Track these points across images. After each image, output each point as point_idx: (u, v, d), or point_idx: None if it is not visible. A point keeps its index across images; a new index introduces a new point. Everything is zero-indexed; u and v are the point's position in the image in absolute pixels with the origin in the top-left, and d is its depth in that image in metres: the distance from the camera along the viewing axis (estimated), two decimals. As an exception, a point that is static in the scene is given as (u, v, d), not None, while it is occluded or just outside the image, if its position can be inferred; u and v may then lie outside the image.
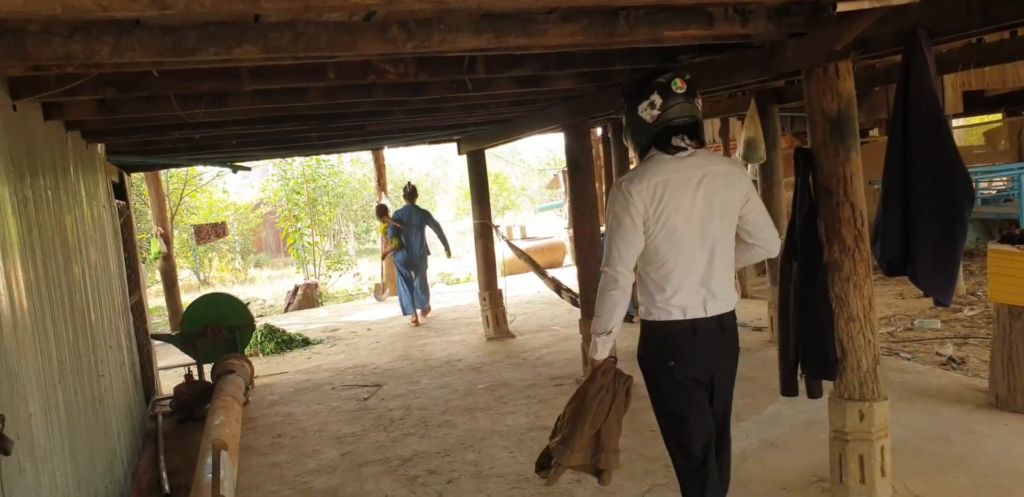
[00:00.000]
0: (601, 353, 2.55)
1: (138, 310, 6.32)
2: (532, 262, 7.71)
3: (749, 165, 6.32)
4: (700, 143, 2.48)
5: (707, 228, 2.45)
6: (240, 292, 18.26)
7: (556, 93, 4.80)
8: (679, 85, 2.37)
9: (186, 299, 16.50)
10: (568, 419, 2.54)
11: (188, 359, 7.00)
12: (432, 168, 43.84)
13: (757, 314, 7.83)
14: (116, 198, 6.07)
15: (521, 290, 10.94)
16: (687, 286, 2.45)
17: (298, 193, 15.31)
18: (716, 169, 2.47)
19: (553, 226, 24.34)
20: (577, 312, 8.76)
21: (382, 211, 9.79)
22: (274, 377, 7.33)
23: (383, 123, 5.41)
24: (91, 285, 4.04)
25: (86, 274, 3.93)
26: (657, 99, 2.37)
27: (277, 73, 3.16)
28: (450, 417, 5.32)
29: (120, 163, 6.34)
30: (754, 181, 4.73)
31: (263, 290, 18.20)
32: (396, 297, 11.44)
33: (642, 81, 2.44)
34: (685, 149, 2.43)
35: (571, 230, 8.03)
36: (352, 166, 19.70)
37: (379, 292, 12.68)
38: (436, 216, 10.42)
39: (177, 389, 6.09)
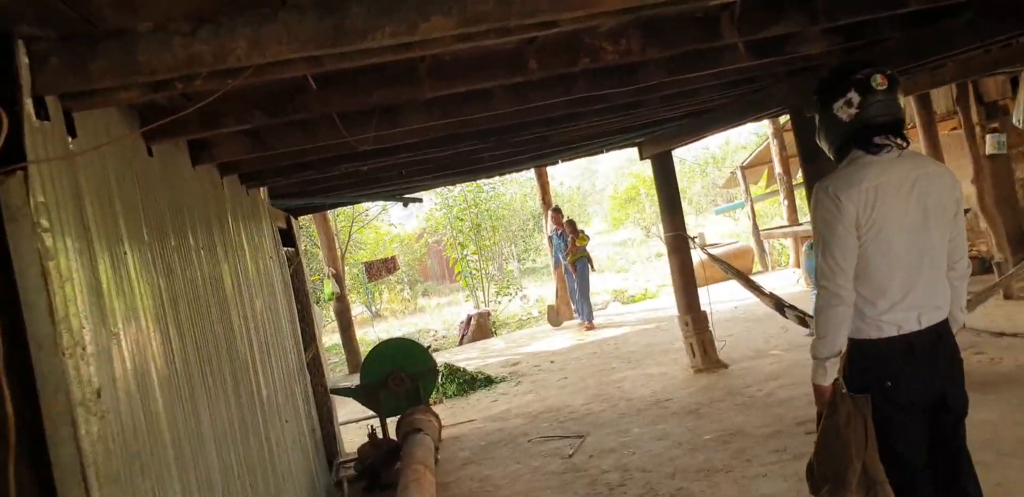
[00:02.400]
0: (829, 378, 2.39)
1: (315, 366, 5.83)
2: (743, 276, 6.55)
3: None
4: (905, 142, 2.31)
5: (922, 237, 2.29)
6: (412, 323, 18.21)
7: (790, 64, 3.74)
8: (879, 81, 2.21)
9: (360, 334, 16.68)
10: (829, 462, 2.40)
11: (369, 411, 6.47)
12: (580, 180, 43.17)
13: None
14: (284, 245, 5.64)
15: (713, 305, 9.73)
16: (902, 301, 2.28)
17: (461, 220, 14.95)
18: (929, 171, 2.31)
19: (726, 229, 22.73)
20: (797, 332, 7.52)
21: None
22: (461, 426, 6.64)
23: (569, 131, 4.56)
24: (259, 356, 3.43)
25: (252, 346, 3.32)
26: (855, 96, 2.24)
27: (461, 71, 2.36)
28: (683, 483, 4.31)
29: (285, 207, 5.93)
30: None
31: (433, 320, 18.00)
32: (573, 319, 10.85)
33: (837, 77, 2.32)
34: (890, 148, 2.27)
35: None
36: (504, 186, 19.27)
37: (553, 315, 11.67)
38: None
39: (361, 450, 5.50)
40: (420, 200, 6.23)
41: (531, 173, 16.13)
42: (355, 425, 7.31)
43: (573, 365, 8.33)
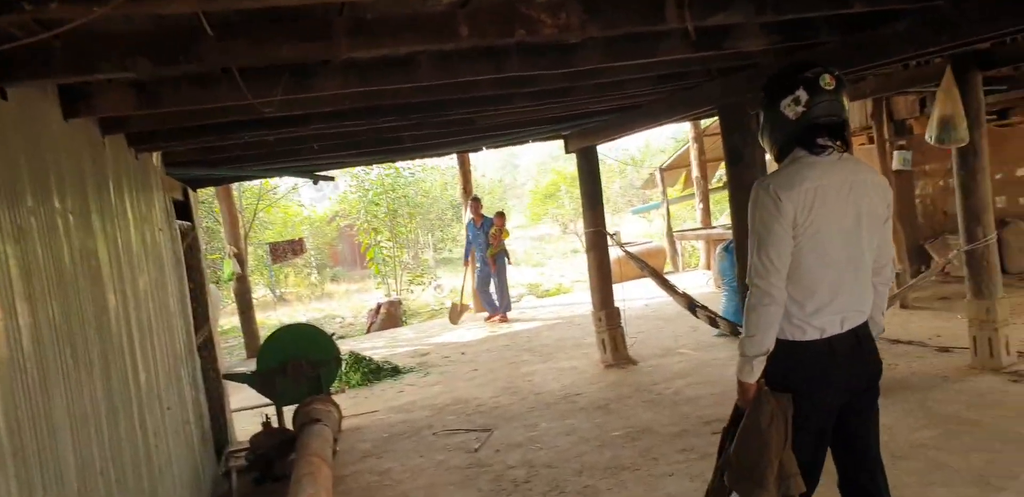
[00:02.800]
0: (755, 376, 2.37)
1: (207, 349, 5.43)
2: (658, 275, 6.54)
3: (949, 147, 5.02)
4: (846, 145, 2.34)
5: (854, 241, 2.31)
6: (318, 308, 17.66)
7: (725, 60, 3.65)
8: (827, 81, 2.22)
9: (262, 317, 16.01)
10: (748, 460, 2.36)
11: (265, 399, 6.12)
12: (502, 173, 43.03)
13: (935, 330, 6.46)
14: (180, 218, 5.22)
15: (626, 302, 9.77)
16: (829, 304, 2.30)
17: (376, 204, 14.50)
18: (865, 177, 2.33)
19: (639, 229, 23.07)
20: (705, 332, 7.59)
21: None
22: (364, 417, 6.36)
23: (498, 114, 4.34)
24: (139, 337, 3.09)
25: (131, 325, 2.98)
26: (803, 95, 2.23)
27: (386, 31, 2.12)
28: (590, 480, 4.20)
29: (184, 177, 5.49)
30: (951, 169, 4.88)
31: (341, 306, 17.51)
32: (482, 312, 10.62)
33: (787, 74, 2.30)
34: (831, 150, 2.28)
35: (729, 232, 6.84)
36: (424, 173, 18.88)
37: (455, 313, 10.53)
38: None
39: (254, 440, 5.16)
40: (332, 179, 5.89)
41: (453, 161, 15.89)
42: (250, 412, 6.90)
43: (484, 357, 8.17)
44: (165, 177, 4.73)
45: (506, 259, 10.53)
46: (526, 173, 43.47)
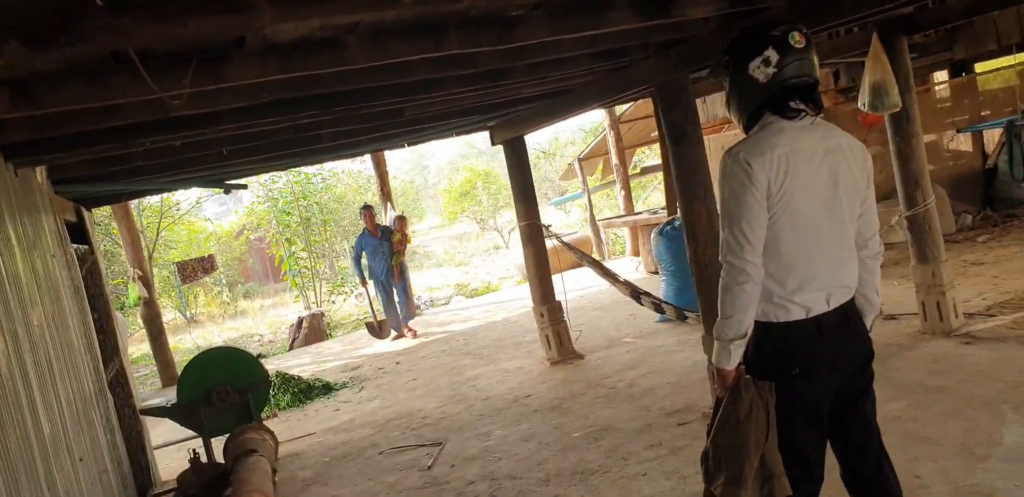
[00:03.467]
0: (734, 361, 2.17)
1: (119, 384, 4.89)
2: (597, 264, 6.36)
3: (883, 113, 5.01)
4: (819, 108, 2.18)
5: (833, 211, 2.13)
6: (233, 327, 16.76)
7: (667, 32, 3.46)
8: (797, 39, 2.06)
9: (174, 341, 15.03)
10: (726, 453, 2.19)
11: (189, 431, 5.60)
12: (412, 174, 42.31)
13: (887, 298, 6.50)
14: (75, 242, 4.66)
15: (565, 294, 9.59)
16: (811, 280, 2.13)
17: (288, 214, 13.80)
18: (841, 143, 2.16)
19: (559, 220, 23.04)
20: (645, 318, 7.48)
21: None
22: (301, 441, 5.91)
23: (428, 103, 4.01)
24: (37, 383, 2.62)
25: (25, 371, 2.52)
26: (772, 55, 2.06)
27: (312, 2, 1.77)
28: (559, 489, 3.95)
29: (76, 196, 4.92)
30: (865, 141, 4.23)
31: (257, 323, 16.68)
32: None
33: (753, 34, 2.12)
34: (804, 114, 2.12)
35: (674, 217, 6.65)
36: (335, 178, 18.18)
37: (375, 329, 9.40)
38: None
39: (182, 478, 4.69)
40: (245, 187, 5.41)
41: (366, 164, 15.38)
42: (174, 447, 6.34)
43: (421, 365, 7.81)
44: (53, 196, 4.18)
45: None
46: (437, 173, 43.01)
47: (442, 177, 38.57)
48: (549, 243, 6.76)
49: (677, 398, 5.00)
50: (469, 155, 41.30)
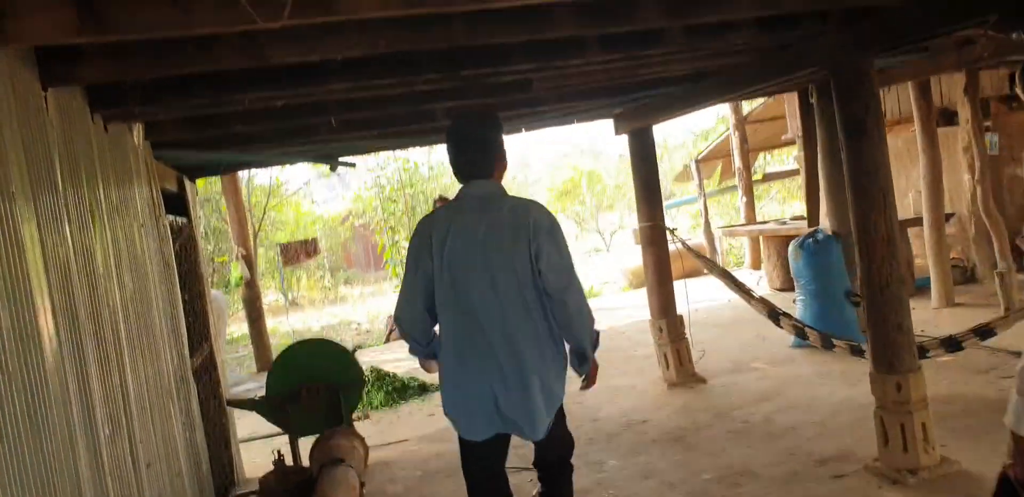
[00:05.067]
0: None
1: (207, 372, 4.54)
2: (728, 276, 5.60)
3: None
4: None
5: None
6: (331, 313, 16.76)
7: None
8: None
9: (273, 324, 15.09)
10: None
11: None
12: (513, 171, 41.95)
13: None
14: (173, 213, 4.33)
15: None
16: None
17: (393, 201, 13.57)
18: None
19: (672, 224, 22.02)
20: (775, 341, 6.64)
21: None
22: (392, 448, 5.45)
23: (560, 74, 3.41)
24: (98, 376, 2.18)
25: (86, 359, 2.07)
26: None
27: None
28: (690, 546, 3.27)
29: (179, 164, 4.60)
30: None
31: (356, 311, 16.61)
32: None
33: None
34: None
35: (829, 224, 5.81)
36: (443, 167, 17.87)
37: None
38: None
39: (264, 482, 4.27)
40: (353, 165, 4.99)
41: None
42: (261, 442, 6.02)
43: (520, 371, 7.23)
44: (152, 160, 3.83)
45: None
46: (538, 171, 42.55)
47: (544, 174, 38.08)
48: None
49: (827, 442, 4.21)
50: (571, 154, 40.60)
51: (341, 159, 4.75)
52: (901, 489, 3.45)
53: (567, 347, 2.74)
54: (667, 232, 5.86)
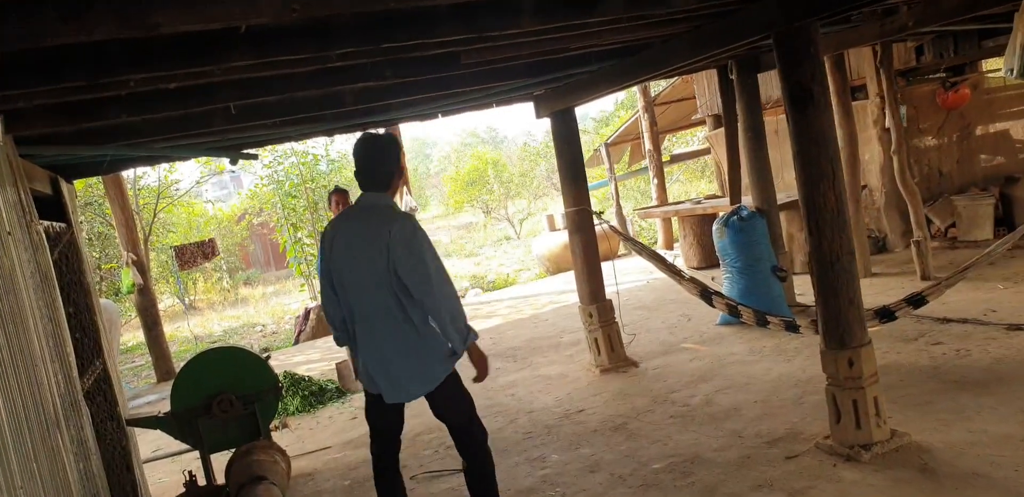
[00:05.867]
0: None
1: (102, 391, 4.04)
2: (658, 258, 5.49)
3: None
4: None
5: None
6: (233, 316, 15.92)
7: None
8: None
9: (171, 329, 14.17)
10: None
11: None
12: (415, 162, 41.28)
13: (984, 303, 5.64)
14: (49, 219, 3.79)
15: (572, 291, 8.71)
16: None
17: (293, 197, 12.88)
18: None
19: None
20: (701, 320, 6.61)
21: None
22: (314, 457, 5.08)
23: (491, 47, 3.12)
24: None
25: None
26: None
27: None
28: (653, 542, 3.11)
29: (50, 163, 4.04)
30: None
31: (259, 312, 15.84)
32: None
33: None
34: None
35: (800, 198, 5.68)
36: (345, 158, 17.16)
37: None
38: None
39: (178, 509, 3.84)
40: (255, 157, 4.53)
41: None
42: (167, 461, 5.51)
43: (446, 367, 6.94)
44: (16, 159, 3.30)
45: None
46: (440, 162, 42.08)
47: (446, 165, 37.68)
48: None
49: (773, 421, 4.15)
50: (472, 144, 40.34)
51: (243, 151, 4.28)
52: (857, 466, 3.40)
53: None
54: (594, 216, 5.69)
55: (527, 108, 5.85)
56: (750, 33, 3.57)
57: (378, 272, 2.88)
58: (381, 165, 2.99)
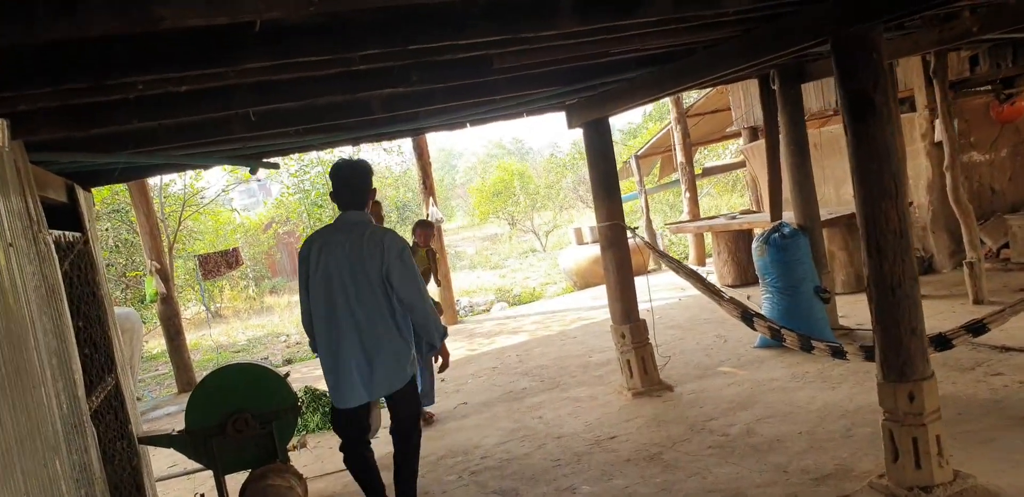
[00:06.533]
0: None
1: (113, 408, 3.87)
2: (696, 277, 5.22)
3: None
4: None
5: None
6: (257, 324, 15.83)
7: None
8: None
9: (195, 338, 14.09)
10: None
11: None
12: (440, 173, 41.29)
13: None
14: (65, 228, 3.64)
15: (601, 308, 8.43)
16: None
17: (319, 207, 12.78)
18: None
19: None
20: (738, 342, 6.32)
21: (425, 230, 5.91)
22: (334, 478, 4.86)
23: (525, 49, 2.91)
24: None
25: None
26: None
27: None
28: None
29: (70, 170, 3.90)
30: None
31: (284, 322, 15.72)
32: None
33: None
34: None
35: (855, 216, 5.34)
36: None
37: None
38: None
39: (187, 537, 3.64)
40: (276, 166, 4.36)
41: (401, 157, 14.30)
42: (182, 479, 5.33)
43: (471, 385, 6.72)
44: (27, 165, 3.15)
45: None
46: (465, 173, 42.05)
47: (472, 176, 37.58)
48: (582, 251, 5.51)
49: (820, 456, 3.85)
50: (498, 155, 40.23)
51: (263, 160, 4.11)
52: (917, 510, 3.10)
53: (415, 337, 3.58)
54: (627, 231, 5.45)
55: (555, 119, 5.67)
56: (805, 38, 3.32)
57: (371, 279, 3.29)
58: (360, 186, 3.42)
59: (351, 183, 3.39)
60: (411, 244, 5.22)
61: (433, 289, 6.28)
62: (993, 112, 7.30)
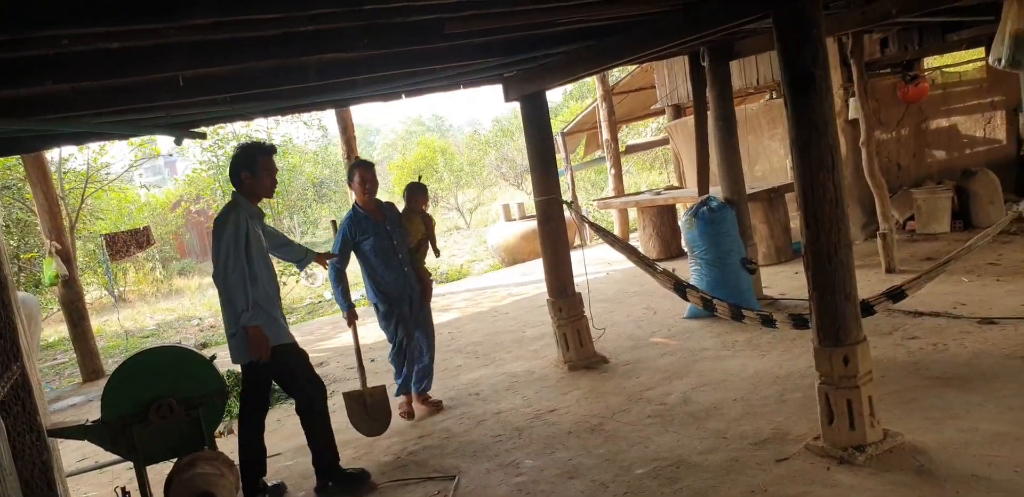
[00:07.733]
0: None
1: (20, 399, 3.59)
2: (631, 250, 5.29)
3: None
4: None
5: None
6: (167, 308, 15.15)
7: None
8: None
9: (99, 323, 13.34)
10: None
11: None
12: (359, 150, 40.32)
13: (952, 296, 5.58)
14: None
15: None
16: None
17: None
18: None
19: (522, 200, 21.82)
20: (667, 313, 6.45)
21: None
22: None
23: (479, 14, 2.80)
24: None
25: None
26: None
27: None
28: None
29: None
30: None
31: (196, 304, 15.11)
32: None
33: None
34: None
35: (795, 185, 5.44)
36: (288, 144, 16.40)
37: (369, 411, 4.86)
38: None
39: (114, 530, 3.43)
40: (204, 136, 4.10)
41: (320, 132, 13.85)
42: (94, 474, 5.04)
43: (402, 363, 6.59)
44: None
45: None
46: (383, 150, 41.26)
47: (391, 152, 36.91)
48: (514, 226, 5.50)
49: (757, 421, 3.98)
50: (418, 132, 39.63)
51: (190, 130, 3.85)
52: (851, 469, 3.25)
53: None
54: (565, 205, 5.44)
55: (472, 95, 5.61)
56: (747, 12, 3.36)
57: None
58: (233, 170, 3.86)
59: (231, 168, 3.88)
60: (405, 210, 5.03)
61: (432, 261, 5.95)
62: (899, 92, 7.66)
